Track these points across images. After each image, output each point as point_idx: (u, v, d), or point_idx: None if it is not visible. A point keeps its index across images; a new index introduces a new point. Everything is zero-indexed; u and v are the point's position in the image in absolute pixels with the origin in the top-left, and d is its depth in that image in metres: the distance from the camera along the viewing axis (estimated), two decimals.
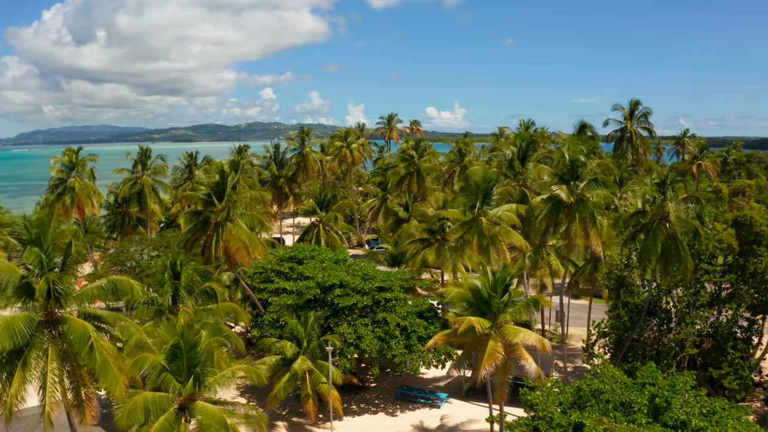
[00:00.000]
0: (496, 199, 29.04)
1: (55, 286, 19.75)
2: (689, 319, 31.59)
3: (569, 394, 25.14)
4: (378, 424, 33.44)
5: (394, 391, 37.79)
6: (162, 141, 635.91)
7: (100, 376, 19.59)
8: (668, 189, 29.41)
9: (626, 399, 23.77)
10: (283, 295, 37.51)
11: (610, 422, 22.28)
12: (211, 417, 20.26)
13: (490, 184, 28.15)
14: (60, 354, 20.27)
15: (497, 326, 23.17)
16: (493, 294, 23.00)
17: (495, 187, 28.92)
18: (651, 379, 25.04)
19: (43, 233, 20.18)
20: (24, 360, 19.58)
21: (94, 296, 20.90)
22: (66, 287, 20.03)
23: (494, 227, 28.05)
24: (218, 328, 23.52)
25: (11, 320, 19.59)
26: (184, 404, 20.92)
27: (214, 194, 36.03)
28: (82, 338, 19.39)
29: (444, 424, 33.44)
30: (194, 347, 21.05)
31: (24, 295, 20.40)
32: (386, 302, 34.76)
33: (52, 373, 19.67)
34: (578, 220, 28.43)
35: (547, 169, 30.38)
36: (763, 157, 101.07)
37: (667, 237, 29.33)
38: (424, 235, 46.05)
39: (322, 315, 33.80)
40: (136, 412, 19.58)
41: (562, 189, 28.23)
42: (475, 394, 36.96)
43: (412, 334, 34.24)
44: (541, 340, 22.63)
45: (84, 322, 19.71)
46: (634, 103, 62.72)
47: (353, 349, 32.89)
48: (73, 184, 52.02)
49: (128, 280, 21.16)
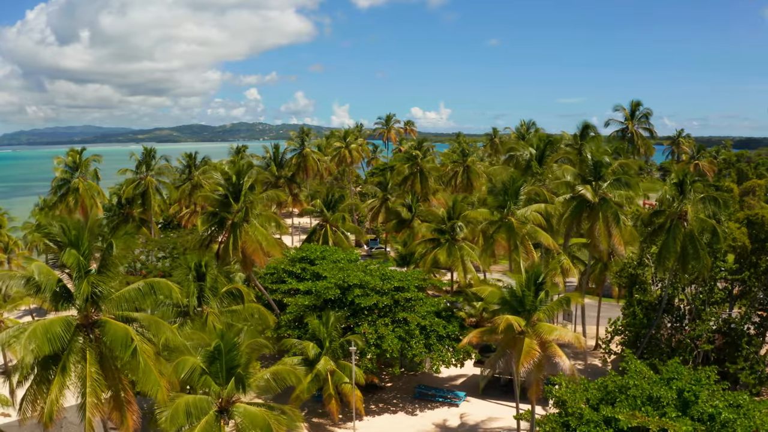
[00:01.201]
0: (524, 200, 29.34)
1: (94, 288, 19.50)
2: (705, 316, 32.20)
3: (596, 391, 25.47)
4: (399, 424, 33.53)
5: (411, 391, 37.90)
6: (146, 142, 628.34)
7: (141, 379, 19.38)
8: (687, 189, 29.99)
9: (655, 394, 24.10)
10: (298, 296, 37.42)
11: (642, 416, 22.63)
12: (253, 418, 20.17)
13: (517, 184, 28.41)
14: (97, 358, 20.02)
15: (531, 324, 23.42)
16: (527, 292, 23.24)
17: (522, 187, 29.19)
18: (676, 374, 25.48)
19: (81, 235, 19.94)
20: (63, 365, 19.29)
21: (132, 299, 20.65)
22: (106, 290, 19.79)
23: (525, 227, 28.33)
24: (257, 329, 23.40)
25: (49, 325, 19.33)
26: (224, 407, 20.82)
27: (231, 195, 35.79)
28: (124, 342, 19.15)
29: (465, 423, 33.65)
30: (233, 349, 20.97)
31: (62, 299, 20.13)
32: (406, 302, 34.88)
33: (91, 377, 19.42)
34: (601, 219, 28.85)
35: (571, 169, 30.78)
36: (752, 157, 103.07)
37: (685, 236, 29.88)
38: (434, 235, 46.26)
39: (343, 315, 33.79)
40: (179, 415, 19.42)
41: (587, 189, 28.63)
42: (492, 392, 37.23)
43: (431, 333, 34.41)
44: (578, 337, 22.97)
45: (125, 326, 19.49)
46: (635, 104, 63.70)
47: (374, 349, 32.94)
48: (77, 184, 51.26)
49: (166, 282, 20.97)
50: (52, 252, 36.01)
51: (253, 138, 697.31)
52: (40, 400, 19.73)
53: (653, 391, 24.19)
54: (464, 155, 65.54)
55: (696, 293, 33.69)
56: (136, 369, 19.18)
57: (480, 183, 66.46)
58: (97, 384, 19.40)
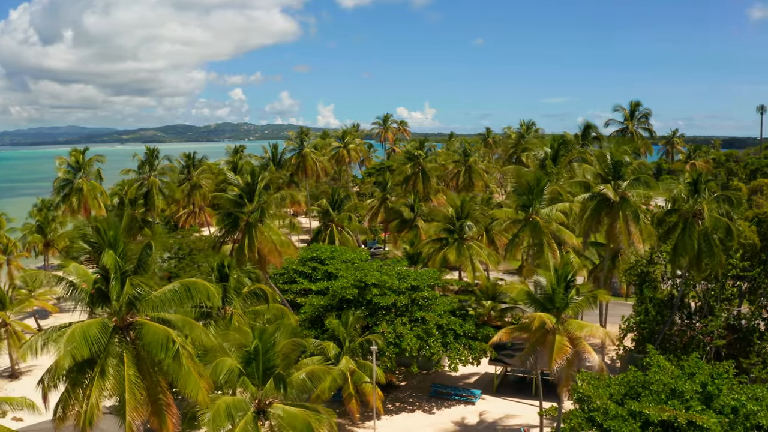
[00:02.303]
0: (547, 199, 29.68)
1: (133, 290, 19.31)
2: (717, 312, 32.84)
3: (618, 386, 25.83)
4: (418, 422, 33.65)
5: (425, 389, 38.05)
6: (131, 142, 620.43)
7: (181, 381, 19.20)
8: (701, 188, 30.59)
9: (679, 388, 24.48)
10: (311, 296, 37.38)
11: (670, 410, 23.00)
12: (293, 418, 20.11)
13: (542, 183, 28.75)
14: (134, 360, 19.81)
15: (561, 321, 23.72)
16: (558, 290, 23.53)
17: (546, 186, 29.53)
18: (697, 369, 25.97)
19: (117, 236, 19.73)
20: (101, 368, 19.04)
21: (167, 300, 20.44)
22: (145, 291, 19.60)
23: (551, 225, 28.66)
24: (294, 330, 23.33)
25: (87, 327, 19.05)
26: (262, 407, 20.75)
27: (245, 195, 35.64)
28: (164, 344, 18.93)
29: (483, 420, 33.89)
30: (270, 350, 20.90)
31: (99, 301, 19.88)
32: (423, 301, 35.03)
33: (129, 380, 19.21)
34: (621, 218, 29.30)
35: (591, 169, 31.23)
36: (740, 156, 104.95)
37: (700, 234, 30.46)
38: (442, 235, 46.50)
39: (361, 315, 33.82)
40: (221, 416, 19.30)
41: (608, 188, 29.08)
42: (506, 390, 37.57)
43: (448, 332, 34.60)
44: (607, 333, 23.30)
45: (165, 328, 19.29)
46: (635, 104, 64.67)
47: (393, 348, 33.04)
48: (81, 185, 50.50)
49: (203, 282, 20.78)
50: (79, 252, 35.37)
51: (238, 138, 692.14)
52: (75, 404, 19.45)
53: (677, 385, 24.61)
54: (466, 155, 65.88)
55: (707, 290, 34.33)
56: (176, 371, 18.99)
57: (481, 183, 66.97)
58: (136, 387, 19.18)
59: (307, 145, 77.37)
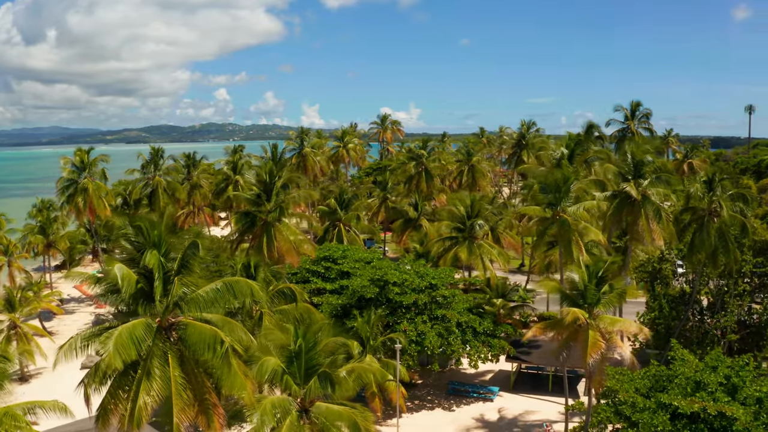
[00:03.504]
0: (573, 197, 30.12)
1: (182, 290, 19.17)
2: (731, 308, 33.56)
3: (643, 380, 26.28)
4: (440, 420, 33.85)
5: (442, 387, 38.27)
6: (115, 143, 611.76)
7: (228, 381, 19.09)
8: (716, 186, 31.28)
9: (705, 380, 24.94)
10: (326, 295, 37.36)
11: (699, 401, 23.46)
12: (338, 416, 20.13)
13: (569, 182, 29.18)
14: (178, 361, 19.65)
15: (593, 317, 24.09)
16: (590, 285, 23.89)
17: (573, 185, 29.96)
18: (719, 362, 26.54)
19: (161, 235, 19.58)
20: (148, 369, 18.85)
21: (209, 300, 20.30)
22: (191, 291, 19.47)
23: (579, 223, 29.09)
24: (336, 328, 23.34)
25: (132, 328, 18.81)
26: (305, 406, 20.73)
27: (264, 194, 35.51)
28: (212, 343, 18.77)
29: (504, 417, 34.19)
30: (312, 349, 20.89)
31: (142, 301, 19.69)
32: (443, 299, 35.25)
33: (175, 380, 19.05)
34: (643, 216, 29.84)
35: (612, 168, 31.78)
36: (730, 156, 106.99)
37: (716, 231, 31.13)
38: (453, 234, 46.79)
39: (382, 313, 33.90)
40: (267, 415, 19.26)
41: (631, 186, 29.60)
42: (522, 387, 37.94)
43: (467, 329, 34.87)
44: (641, 327, 23.70)
45: (213, 328, 19.15)
46: (635, 104, 65.71)
47: (415, 347, 33.20)
48: (86, 185, 49.76)
49: (245, 281, 20.71)
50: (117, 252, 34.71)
51: (223, 139, 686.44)
52: (120, 406, 19.23)
53: (703, 377, 25.08)
54: (469, 155, 66.29)
55: (720, 286, 35.06)
56: (224, 371, 18.85)
57: (484, 182, 67.42)
58: (182, 387, 19.04)
59: (307, 144, 77.12)
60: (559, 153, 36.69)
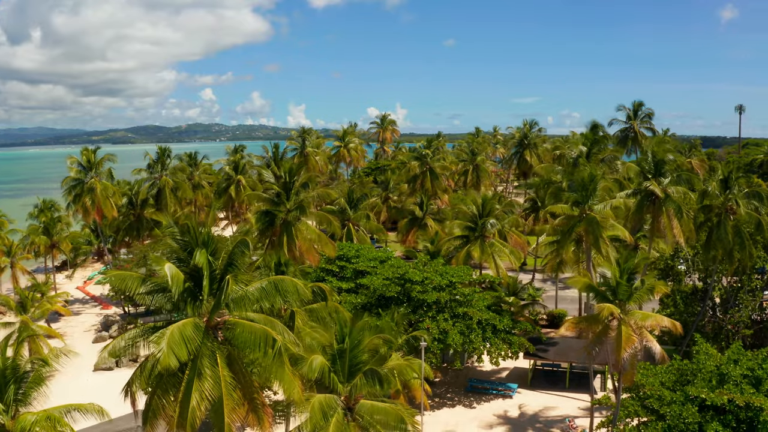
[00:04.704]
0: (599, 195, 30.56)
1: (236, 287, 19.13)
2: (746, 303, 34.29)
3: (666, 374, 26.76)
4: (462, 416, 34.10)
5: (461, 384, 38.54)
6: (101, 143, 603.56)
7: (279, 380, 19.10)
8: (732, 184, 31.97)
9: (732, 372, 25.44)
10: (343, 294, 37.38)
11: (727, 393, 23.94)
12: (385, 413, 20.27)
13: (595, 180, 29.61)
14: (226, 361, 19.61)
15: (625, 312, 24.51)
16: (621, 282, 24.30)
17: (599, 183, 30.41)
18: (740, 356, 27.12)
19: (209, 235, 19.55)
20: (198, 370, 18.74)
21: (255, 299, 20.26)
22: (242, 289, 19.44)
23: (607, 221, 29.53)
24: (380, 326, 23.42)
25: (182, 328, 18.67)
26: (349, 404, 20.82)
27: (283, 193, 35.45)
28: (263, 343, 18.70)
29: (524, 413, 34.56)
30: (357, 347, 21.00)
31: (189, 300, 19.60)
32: (463, 297, 35.51)
33: (224, 380, 18.98)
34: (665, 214, 30.39)
35: (634, 167, 32.29)
36: (722, 155, 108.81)
37: (732, 228, 31.82)
38: (465, 233, 47.15)
39: (404, 311, 34.06)
40: (317, 414, 19.33)
41: (654, 184, 30.13)
42: (539, 383, 38.36)
43: (487, 327, 35.17)
44: (673, 322, 24.15)
45: (263, 326, 19.13)
46: (638, 105, 66.76)
47: (438, 344, 33.41)
48: (93, 184, 49.16)
49: (291, 279, 20.70)
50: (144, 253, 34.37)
51: (210, 139, 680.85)
52: (168, 408, 19.11)
53: (729, 370, 25.59)
54: (473, 154, 66.69)
55: (734, 282, 35.78)
56: (275, 370, 18.79)
57: (488, 181, 67.91)
58: (232, 387, 18.99)
59: (309, 144, 76.99)
60: (576, 152, 37.15)
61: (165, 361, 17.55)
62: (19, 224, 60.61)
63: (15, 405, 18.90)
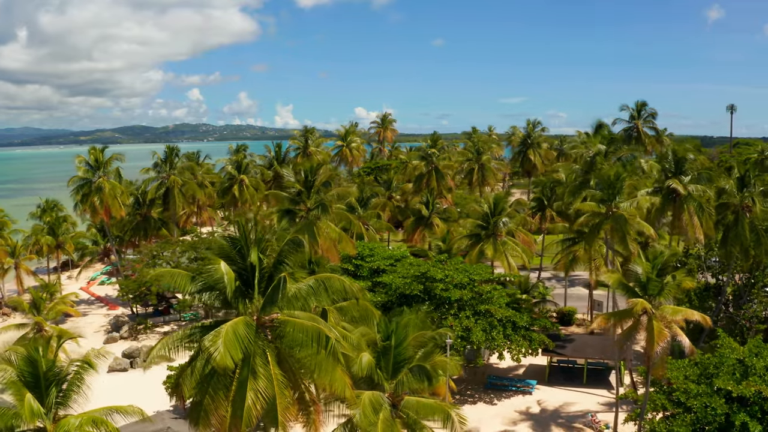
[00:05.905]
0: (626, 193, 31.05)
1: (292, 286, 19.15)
2: (759, 298, 35.06)
3: (690, 367, 27.28)
4: (485, 413, 34.41)
5: (479, 381, 38.86)
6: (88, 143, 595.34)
7: (329, 377, 19.08)
8: (749, 182, 32.71)
9: (758, 365, 25.95)
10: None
11: (754, 384, 24.48)
12: (430, 411, 20.45)
13: (622, 179, 30.09)
14: (276, 359, 19.60)
15: (656, 307, 24.98)
16: (652, 277, 24.76)
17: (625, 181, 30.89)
18: (761, 349, 27.74)
19: (260, 233, 19.54)
20: (252, 368, 18.70)
21: (303, 297, 20.24)
22: (294, 287, 19.47)
23: (634, 219, 30.02)
24: (424, 323, 23.58)
25: (235, 326, 18.59)
26: (393, 401, 20.97)
27: (304, 192, 35.44)
28: (315, 340, 18.67)
29: (545, 409, 34.97)
30: (401, 344, 21.16)
31: (240, 298, 19.57)
32: (486, 294, 35.84)
33: (276, 379, 18.96)
34: (686, 211, 30.99)
35: (656, 165, 32.84)
36: (715, 154, 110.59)
37: (749, 225, 32.55)
38: (476, 231, 47.51)
39: (427, 309, 34.28)
40: (368, 411, 19.45)
41: (676, 182, 30.70)
42: (556, 380, 38.81)
43: (507, 324, 35.53)
44: (704, 317, 24.66)
45: (315, 324, 19.16)
46: (641, 104, 67.68)
47: (461, 342, 33.69)
48: (102, 184, 48.59)
49: (338, 277, 20.76)
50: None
51: (197, 139, 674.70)
52: (221, 408, 19.03)
53: (753, 362, 26.12)
54: (478, 153, 67.11)
55: (746, 278, 36.53)
56: (326, 367, 18.74)
57: (493, 181, 68.38)
58: (283, 386, 18.98)
59: (312, 144, 76.83)
60: (595, 150, 37.67)
61: (222, 361, 17.49)
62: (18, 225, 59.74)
63: (55, 408, 18.75)
